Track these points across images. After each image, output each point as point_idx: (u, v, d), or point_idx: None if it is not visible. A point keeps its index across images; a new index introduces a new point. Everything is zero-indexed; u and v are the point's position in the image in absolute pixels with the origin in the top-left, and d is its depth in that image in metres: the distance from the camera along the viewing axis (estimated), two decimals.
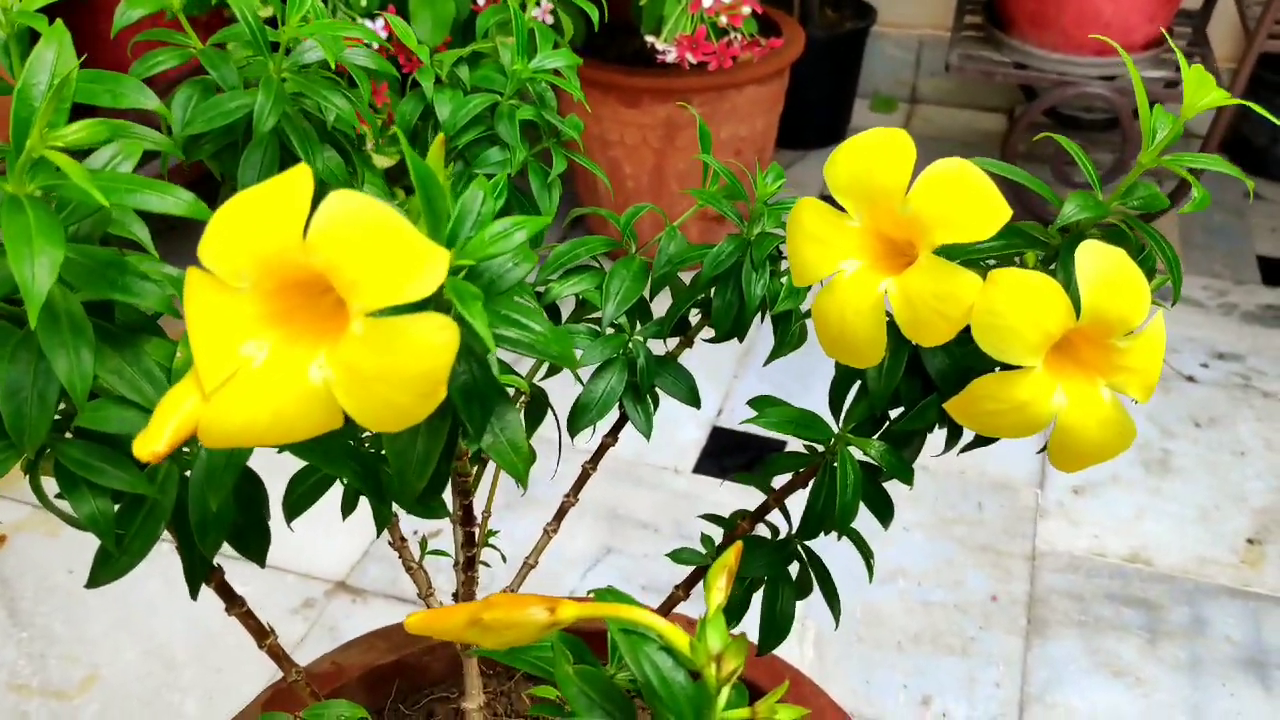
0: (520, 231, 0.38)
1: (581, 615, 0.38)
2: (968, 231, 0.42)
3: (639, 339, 0.58)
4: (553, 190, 0.61)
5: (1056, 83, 1.95)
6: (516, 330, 0.39)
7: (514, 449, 0.43)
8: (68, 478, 0.42)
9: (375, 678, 0.75)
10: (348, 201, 0.32)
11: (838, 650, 1.28)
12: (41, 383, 0.40)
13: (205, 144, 0.50)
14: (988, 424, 0.46)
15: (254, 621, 0.59)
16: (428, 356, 0.32)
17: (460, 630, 0.38)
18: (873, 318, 0.45)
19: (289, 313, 0.35)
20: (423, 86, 0.60)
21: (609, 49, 1.95)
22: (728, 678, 0.36)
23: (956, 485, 1.52)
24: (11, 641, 1.27)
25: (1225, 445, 1.61)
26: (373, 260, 0.31)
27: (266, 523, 0.49)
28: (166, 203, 0.40)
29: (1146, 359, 0.44)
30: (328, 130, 0.53)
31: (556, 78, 0.61)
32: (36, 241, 0.35)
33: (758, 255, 0.57)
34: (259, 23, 0.50)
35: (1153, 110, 0.49)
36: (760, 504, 0.65)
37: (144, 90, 0.45)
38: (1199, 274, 2.02)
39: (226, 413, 0.34)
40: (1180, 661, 1.27)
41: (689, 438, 1.59)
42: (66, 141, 0.37)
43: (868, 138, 0.45)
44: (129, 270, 0.40)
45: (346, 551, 1.39)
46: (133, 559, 0.45)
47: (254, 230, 0.33)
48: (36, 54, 0.39)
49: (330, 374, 0.33)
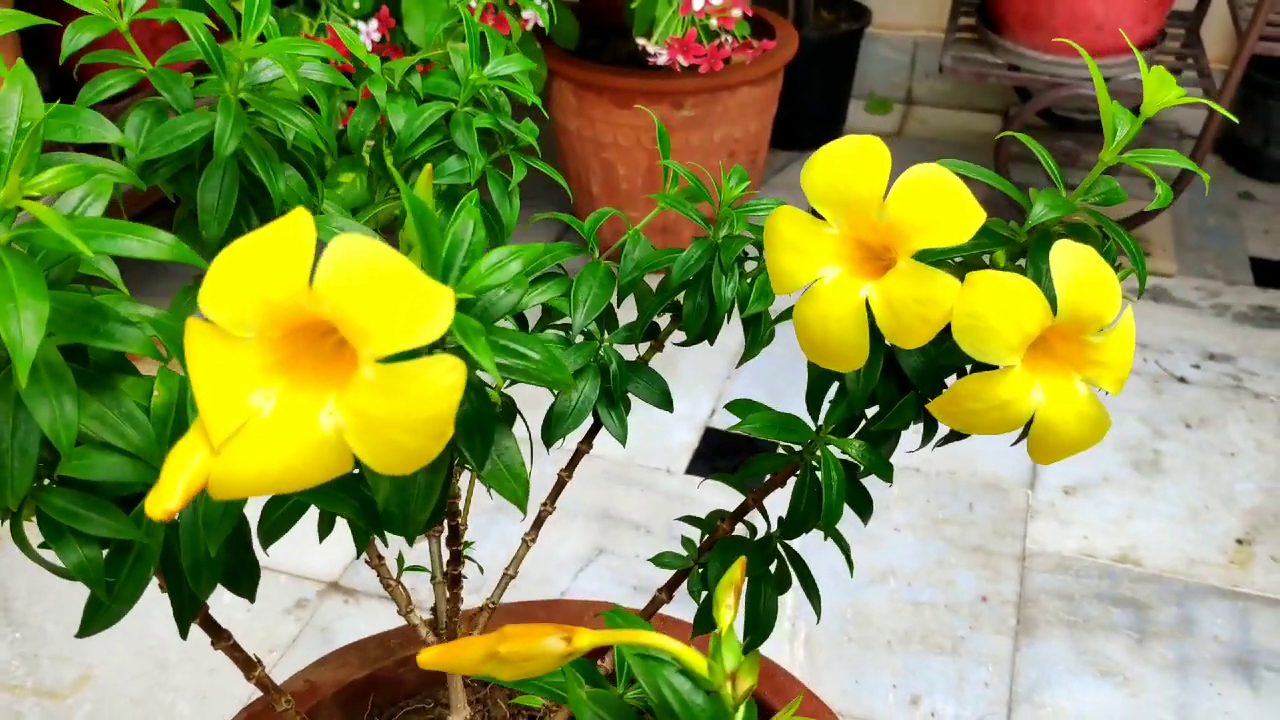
0: (516, 262, 0.38)
1: (597, 643, 0.38)
2: (946, 236, 0.43)
3: (609, 345, 0.58)
4: (513, 199, 0.60)
5: (1049, 84, 1.96)
6: (514, 359, 0.39)
7: (513, 476, 0.43)
8: (52, 527, 0.41)
9: (350, 694, 0.74)
10: (354, 248, 0.31)
11: (828, 651, 1.28)
12: (22, 433, 0.38)
13: (161, 168, 0.49)
14: (969, 423, 0.47)
15: (240, 654, 0.59)
16: (440, 399, 0.32)
17: (477, 664, 0.37)
18: (855, 323, 0.46)
19: (293, 358, 0.34)
20: (374, 96, 0.59)
21: (602, 52, 1.95)
22: (744, 696, 0.36)
23: (947, 486, 1.52)
24: (4, 641, 1.27)
25: (1216, 446, 1.61)
26: (382, 307, 0.31)
27: (255, 560, 0.48)
28: (149, 247, 0.39)
29: (1119, 353, 0.45)
30: (287, 149, 0.52)
31: (511, 83, 0.60)
32: (20, 296, 0.34)
33: (726, 259, 0.57)
34: (213, 42, 0.49)
35: (1120, 106, 0.50)
36: (739, 504, 0.65)
37: (103, 122, 0.44)
38: (1191, 275, 2.02)
39: (237, 465, 0.34)
40: (1168, 661, 1.28)
41: (681, 439, 1.60)
42: (42, 189, 0.36)
43: (843, 146, 0.45)
44: (109, 316, 0.39)
45: (339, 552, 1.39)
46: (124, 606, 0.44)
47: (257, 279, 0.33)
48: (2, 98, 0.38)
49: (342, 420, 0.33)
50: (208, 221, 0.49)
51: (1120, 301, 0.44)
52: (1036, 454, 0.48)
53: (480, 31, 0.59)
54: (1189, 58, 2.08)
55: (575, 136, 1.92)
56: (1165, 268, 2.02)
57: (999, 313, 0.43)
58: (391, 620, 0.80)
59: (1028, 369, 0.45)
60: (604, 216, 0.59)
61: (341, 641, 0.80)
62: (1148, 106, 0.49)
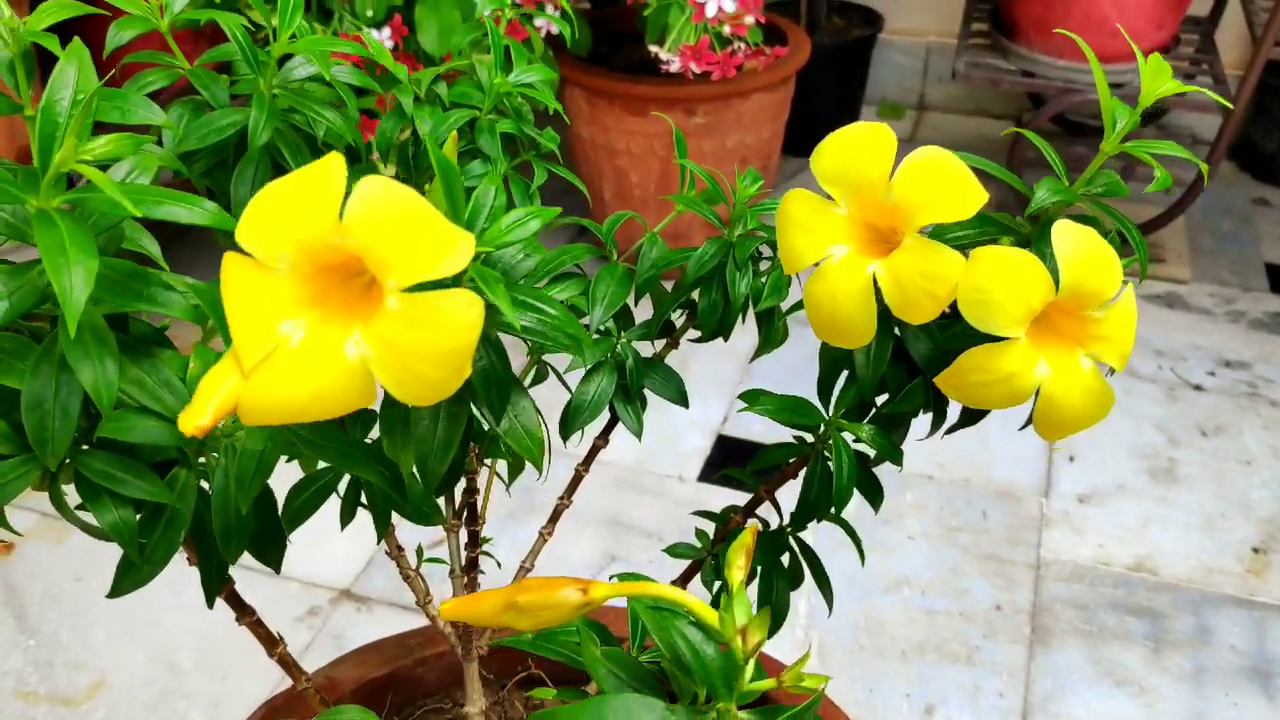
0: (534, 220, 0.41)
1: (613, 594, 0.40)
2: (949, 212, 0.45)
3: (626, 342, 0.60)
4: (534, 202, 0.63)
5: (1063, 90, 1.95)
6: (534, 314, 0.41)
7: (529, 434, 0.45)
8: (89, 488, 0.43)
9: (369, 691, 0.75)
10: (379, 186, 0.34)
11: (841, 659, 1.28)
12: (64, 395, 0.40)
13: (197, 161, 0.51)
14: (976, 396, 0.49)
15: (264, 630, 0.60)
16: (459, 331, 0.34)
17: (496, 613, 0.39)
18: (862, 299, 0.47)
19: (324, 293, 0.36)
20: (401, 104, 0.61)
21: (614, 58, 1.95)
22: (753, 650, 0.38)
23: (961, 494, 1.52)
24: (19, 649, 1.28)
25: (1232, 454, 1.60)
26: (405, 239, 0.33)
27: (282, 528, 0.50)
28: (193, 214, 0.41)
29: (1120, 328, 0.47)
30: (319, 145, 0.54)
31: (533, 91, 0.62)
32: (71, 252, 0.36)
33: (740, 255, 0.59)
34: (249, 40, 0.51)
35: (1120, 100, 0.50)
36: (751, 497, 0.66)
37: (150, 106, 0.47)
38: (1206, 281, 2.01)
39: (266, 390, 0.36)
40: (1184, 671, 1.27)
41: (693, 446, 1.60)
42: (95, 155, 0.38)
43: (852, 131, 0.48)
44: (153, 281, 0.41)
45: (351, 560, 1.39)
46: (154, 567, 0.46)
47: (292, 214, 0.35)
48: (59, 71, 0.40)
49: (367, 350, 0.35)
50: (239, 213, 0.51)
51: (1120, 276, 0.45)
52: (1043, 429, 0.49)
53: (505, 43, 0.61)
54: (1203, 63, 2.08)
55: (588, 143, 1.92)
56: (1180, 274, 2.02)
57: (1003, 286, 0.44)
58: (403, 629, 0.81)
59: (1032, 343, 0.46)
60: (622, 219, 0.61)
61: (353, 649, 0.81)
62: (1145, 96, 0.50)
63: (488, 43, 0.62)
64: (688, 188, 0.61)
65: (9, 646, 1.28)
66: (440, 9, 1.61)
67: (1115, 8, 1.91)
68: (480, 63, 0.62)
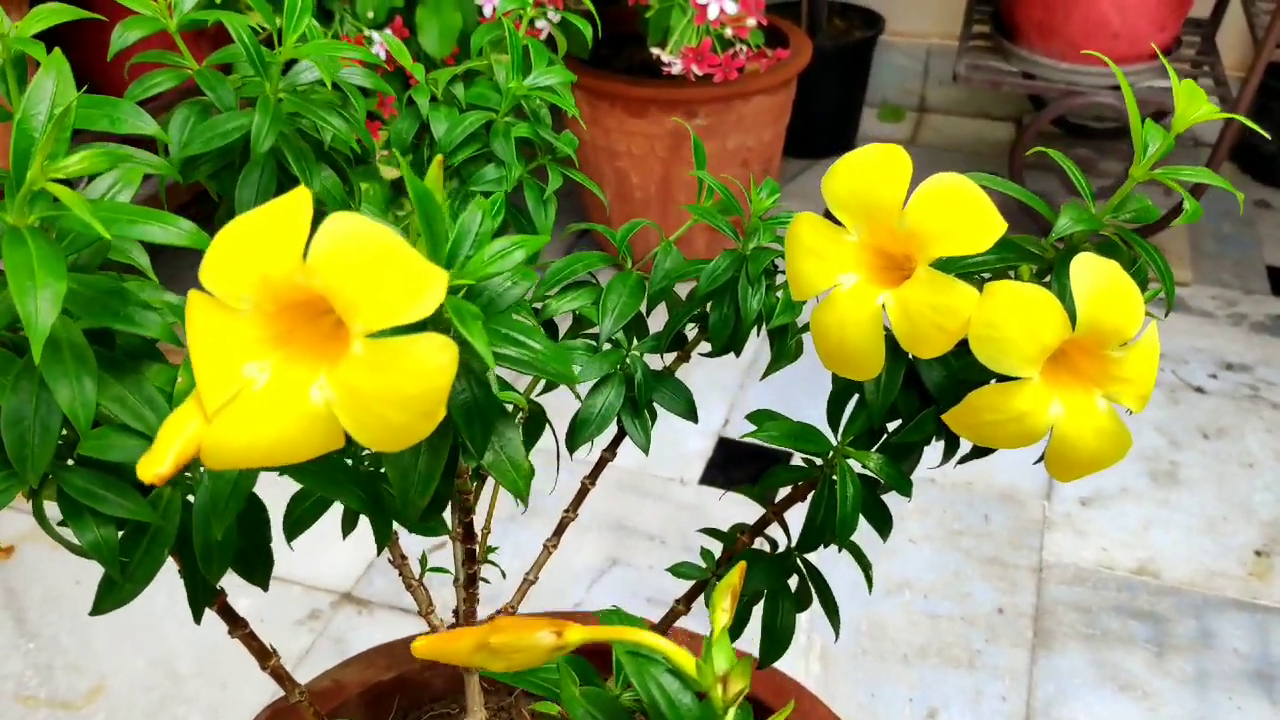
0: (519, 251, 0.39)
1: (588, 639, 0.38)
2: (965, 244, 0.43)
3: (636, 354, 0.59)
4: (548, 207, 0.62)
5: (1064, 92, 1.95)
6: (516, 349, 0.40)
7: (514, 466, 0.43)
8: (71, 505, 0.42)
9: (375, 694, 0.75)
10: (346, 224, 0.32)
11: (843, 664, 1.27)
12: (44, 412, 0.40)
13: (203, 165, 0.50)
14: (986, 435, 0.47)
15: (257, 643, 0.59)
16: (428, 376, 0.32)
17: (468, 655, 0.38)
18: (871, 330, 0.46)
19: (290, 334, 0.35)
20: (418, 104, 0.60)
21: (615, 60, 1.95)
22: (734, 699, 0.36)
23: (963, 497, 1.52)
24: (18, 652, 1.27)
25: (1234, 457, 1.60)
26: (372, 282, 0.32)
27: (269, 547, 0.49)
28: (169, 234, 0.40)
29: (1141, 369, 0.45)
30: (325, 150, 0.53)
31: (551, 94, 0.61)
32: (39, 274, 0.35)
33: (753, 270, 0.57)
34: (255, 43, 0.50)
35: (1152, 121, 0.49)
36: (759, 518, 0.65)
37: (141, 115, 0.45)
38: (1208, 284, 2.01)
39: (229, 434, 0.35)
40: (1187, 675, 1.27)
41: (695, 449, 1.59)
42: (68, 173, 0.37)
43: (865, 154, 0.45)
44: (130, 300, 0.40)
45: (352, 563, 1.39)
46: (137, 586, 0.45)
47: (254, 253, 0.34)
48: (36, 83, 0.39)
49: (331, 394, 0.34)
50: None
51: (1142, 316, 0.43)
52: (1055, 470, 0.47)
53: (524, 44, 0.60)
54: (1205, 65, 2.07)
55: (589, 145, 1.91)
56: (1182, 277, 2.01)
57: (1016, 323, 0.42)
58: (404, 632, 0.80)
59: (1047, 382, 0.44)
60: (636, 226, 0.59)
61: (355, 653, 0.80)
62: (1178, 121, 0.48)
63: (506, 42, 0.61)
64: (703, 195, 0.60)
65: (9, 650, 1.27)
66: (441, 11, 1.61)
67: (1117, 10, 1.91)
68: (498, 63, 0.61)
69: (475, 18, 1.63)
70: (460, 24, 1.61)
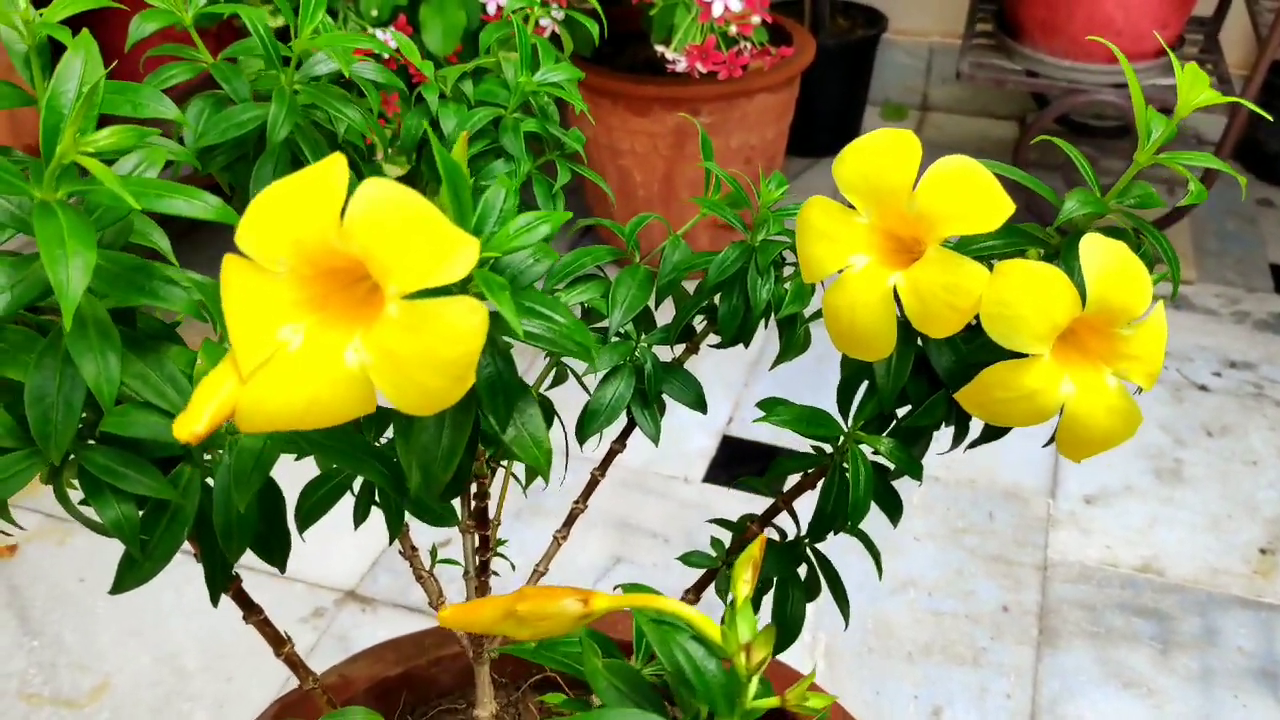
0: (544, 225, 0.40)
1: (614, 606, 0.39)
2: (974, 224, 0.44)
3: (645, 346, 0.59)
4: (557, 202, 0.62)
5: (1067, 90, 1.95)
6: (541, 322, 0.40)
7: (535, 442, 0.44)
8: (92, 483, 0.43)
9: (383, 690, 0.75)
10: (382, 189, 0.33)
11: (848, 661, 1.27)
12: (67, 388, 0.40)
13: (218, 156, 0.51)
14: (998, 413, 0.48)
15: (271, 630, 0.60)
16: (460, 339, 0.33)
17: (495, 622, 0.38)
18: (882, 310, 0.46)
19: (324, 298, 0.36)
20: (427, 101, 0.60)
21: (619, 58, 1.95)
22: (757, 666, 0.37)
23: (968, 495, 1.51)
24: (22, 650, 1.27)
25: (1238, 454, 1.60)
26: (407, 244, 0.32)
27: (287, 529, 0.50)
28: (195, 207, 0.40)
29: (1149, 346, 0.45)
30: (338, 141, 0.53)
31: (559, 90, 0.61)
32: (70, 244, 0.36)
33: (762, 261, 0.57)
34: (271, 36, 0.50)
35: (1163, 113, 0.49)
36: (768, 507, 0.65)
37: (163, 99, 0.46)
38: (1211, 281, 2.01)
39: (264, 395, 0.35)
40: (1192, 672, 1.27)
41: (699, 446, 1.59)
42: (98, 147, 0.38)
43: (875, 138, 0.46)
44: (156, 275, 0.41)
45: (356, 561, 1.39)
46: (156, 564, 0.46)
47: (292, 216, 0.34)
48: (65, 62, 0.39)
49: (366, 357, 0.34)
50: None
51: (1150, 293, 0.44)
52: (1066, 448, 0.48)
53: (533, 41, 0.60)
54: (1208, 63, 2.07)
55: (592, 143, 1.91)
56: (1185, 275, 2.01)
57: (1028, 301, 0.43)
58: (409, 629, 0.80)
59: (1057, 360, 0.45)
60: (644, 221, 0.60)
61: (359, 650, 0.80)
62: (1181, 106, 0.49)
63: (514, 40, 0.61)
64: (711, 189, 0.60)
65: (12, 648, 1.27)
66: (445, 8, 1.61)
67: (1120, 8, 1.91)
68: (506, 60, 0.61)
69: (479, 15, 1.63)
70: (464, 22, 1.61)
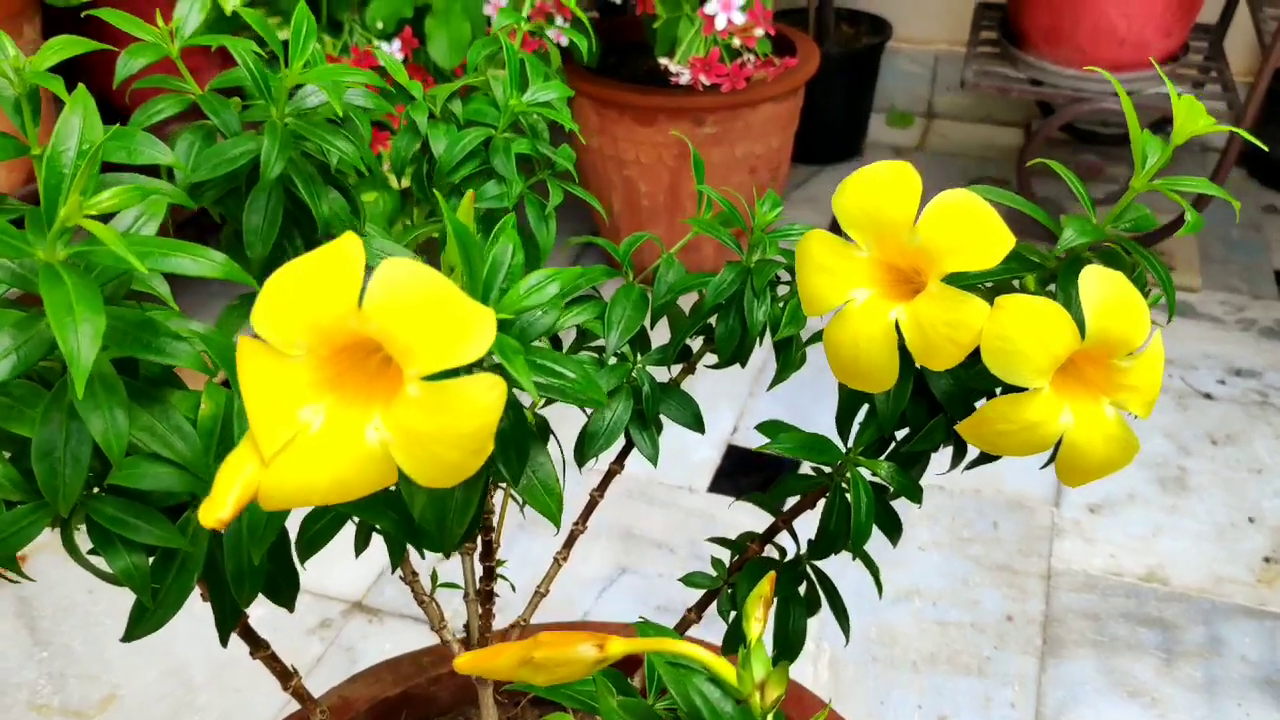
0: (553, 285, 0.40)
1: (630, 650, 0.39)
2: (975, 260, 0.44)
3: (642, 367, 0.59)
4: (549, 223, 0.62)
5: (1072, 99, 1.95)
6: (551, 378, 0.41)
7: (546, 491, 0.44)
8: (101, 534, 0.43)
9: (383, 710, 0.75)
10: (400, 271, 0.33)
11: (853, 671, 1.28)
12: (74, 442, 0.40)
13: (208, 190, 0.51)
14: (998, 444, 0.48)
15: (279, 665, 0.60)
16: (480, 415, 0.33)
17: (512, 669, 0.39)
18: (885, 344, 0.47)
19: (341, 375, 0.36)
20: (416, 122, 0.60)
21: (623, 69, 1.96)
22: (772, 705, 0.37)
23: (972, 504, 1.52)
24: (32, 661, 1.28)
25: (1243, 463, 1.60)
26: (427, 327, 0.33)
27: (295, 570, 0.50)
28: (200, 266, 0.40)
29: (1147, 377, 0.46)
30: (330, 172, 0.53)
31: (549, 110, 0.61)
32: (78, 310, 0.36)
33: (758, 283, 0.58)
34: (261, 68, 0.50)
35: (1150, 132, 0.50)
36: (769, 526, 0.66)
37: (156, 144, 0.46)
38: (1216, 289, 2.01)
39: (286, 477, 0.35)
40: (1196, 682, 1.27)
41: (703, 457, 1.60)
42: (101, 209, 0.38)
43: (874, 172, 0.46)
44: (161, 331, 0.41)
45: (363, 572, 1.39)
46: (168, 612, 0.46)
47: (309, 300, 0.34)
48: (64, 120, 0.39)
49: (387, 435, 0.35)
50: (253, 242, 0.52)
51: (1149, 325, 0.44)
52: (1065, 476, 0.48)
53: (520, 59, 0.60)
54: (1212, 70, 2.07)
55: (597, 154, 1.92)
56: (1190, 282, 2.01)
57: (1027, 336, 0.43)
58: (415, 640, 0.81)
59: (1056, 391, 0.45)
60: (639, 240, 0.60)
61: (367, 662, 0.81)
62: (1177, 134, 0.49)
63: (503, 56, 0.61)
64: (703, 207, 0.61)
65: (22, 659, 1.28)
66: (450, 21, 1.62)
67: (1124, 17, 1.91)
68: (495, 78, 0.61)
69: (484, 28, 1.64)
70: (469, 34, 1.62)
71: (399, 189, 1.56)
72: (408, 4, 1.60)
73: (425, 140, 0.61)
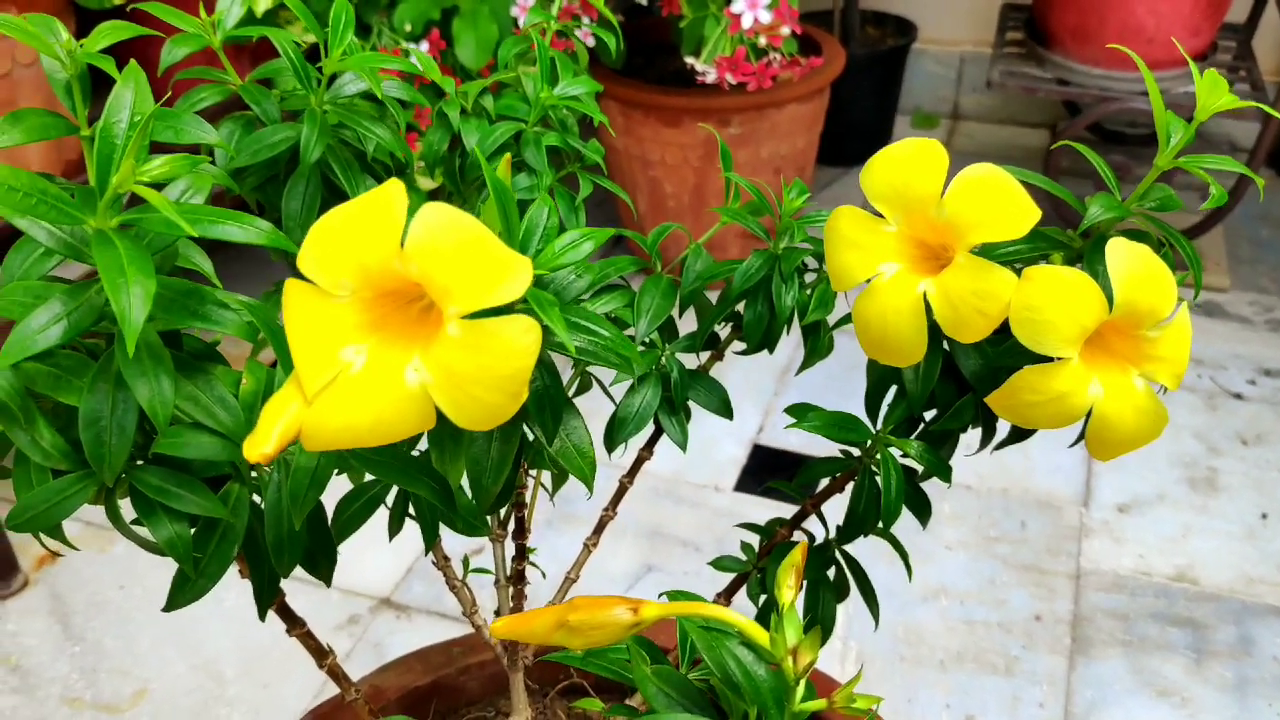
0: (587, 242, 0.41)
1: (663, 614, 0.40)
2: (1002, 231, 0.44)
3: (671, 354, 0.60)
4: (579, 214, 0.63)
5: (1099, 98, 1.94)
6: (587, 336, 0.41)
7: (580, 454, 0.45)
8: (145, 504, 0.44)
9: (413, 699, 0.76)
10: (440, 214, 0.34)
11: (880, 669, 1.27)
12: (120, 411, 0.41)
13: (249, 176, 0.52)
14: (1027, 416, 0.48)
15: (314, 642, 0.61)
16: (516, 356, 0.34)
17: (548, 633, 0.40)
18: (913, 317, 0.47)
19: (383, 319, 0.37)
20: (449, 117, 0.61)
21: (648, 70, 1.96)
22: (805, 670, 0.38)
23: (1000, 504, 1.51)
24: (64, 656, 1.29)
25: (1273, 463, 1.59)
26: (465, 267, 0.34)
27: (333, 543, 0.51)
28: (248, 233, 0.41)
29: (1175, 347, 0.46)
30: (368, 160, 0.54)
31: (578, 103, 0.62)
32: (130, 272, 0.37)
33: (786, 268, 0.58)
34: (301, 57, 0.51)
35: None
36: (796, 511, 0.66)
37: (202, 124, 0.47)
38: (1245, 289, 2.00)
39: (329, 415, 0.36)
40: (1227, 682, 1.26)
41: (729, 455, 1.60)
42: (151, 176, 0.39)
43: (903, 147, 0.47)
44: (208, 299, 0.42)
45: (391, 568, 1.40)
46: (209, 581, 0.47)
47: (354, 242, 0.35)
48: (116, 94, 0.40)
49: (426, 375, 0.36)
50: (291, 228, 0.53)
51: (1175, 295, 0.45)
52: (1095, 449, 0.48)
53: (551, 55, 0.61)
54: (1241, 70, 2.06)
55: (622, 154, 1.93)
56: (1219, 282, 2.00)
57: (1056, 305, 0.44)
58: (443, 636, 0.81)
59: (1085, 363, 0.45)
60: (666, 230, 0.61)
61: (394, 657, 0.81)
62: (1201, 110, 0.50)
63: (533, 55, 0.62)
64: (731, 198, 0.61)
65: (55, 653, 1.30)
66: (478, 23, 1.63)
67: (1152, 16, 1.90)
68: (526, 74, 0.62)
69: (511, 29, 1.65)
70: (496, 35, 1.63)
71: (427, 191, 1.57)
72: (435, 6, 1.61)
73: (457, 135, 0.62)
